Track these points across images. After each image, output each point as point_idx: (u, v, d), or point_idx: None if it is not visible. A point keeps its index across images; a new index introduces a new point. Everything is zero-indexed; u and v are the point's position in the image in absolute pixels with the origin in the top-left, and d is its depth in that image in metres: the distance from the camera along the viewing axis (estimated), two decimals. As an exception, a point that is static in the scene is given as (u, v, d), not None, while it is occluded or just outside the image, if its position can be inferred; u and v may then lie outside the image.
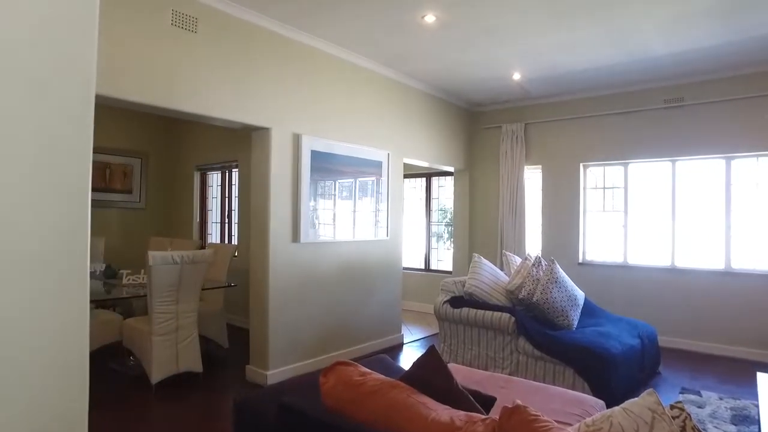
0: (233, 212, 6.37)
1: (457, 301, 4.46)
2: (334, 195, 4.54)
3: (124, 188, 6.51)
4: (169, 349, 3.75)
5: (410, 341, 5.46)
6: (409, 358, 4.88)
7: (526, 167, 6.15)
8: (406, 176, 7.14)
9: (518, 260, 4.98)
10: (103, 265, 4.86)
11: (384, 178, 5.05)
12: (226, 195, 6.49)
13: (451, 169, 6.51)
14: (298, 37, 4.09)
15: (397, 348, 5.17)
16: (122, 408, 3.45)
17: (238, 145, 5.94)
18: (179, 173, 6.96)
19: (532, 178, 6.31)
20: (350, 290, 4.68)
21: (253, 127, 3.86)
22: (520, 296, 4.28)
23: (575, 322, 4.11)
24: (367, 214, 4.89)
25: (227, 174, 6.46)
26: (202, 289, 4.29)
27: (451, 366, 2.91)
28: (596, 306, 4.61)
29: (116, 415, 3.34)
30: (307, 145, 4.17)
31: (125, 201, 6.52)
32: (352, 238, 4.70)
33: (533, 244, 6.24)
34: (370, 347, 4.90)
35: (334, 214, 4.53)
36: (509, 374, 3.95)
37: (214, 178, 6.71)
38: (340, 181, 4.57)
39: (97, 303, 4.29)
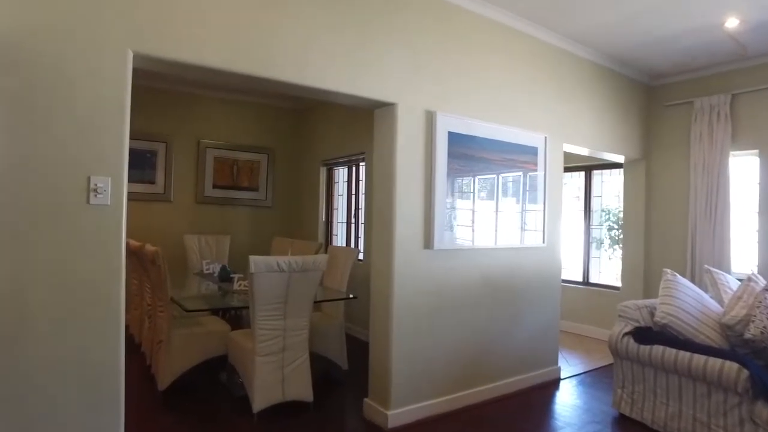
0: (360, 211, 5.75)
1: (644, 335, 3.25)
2: (477, 190, 3.60)
3: (251, 185, 6.25)
4: (274, 373, 3.13)
5: (569, 376, 4.30)
6: (569, 402, 3.74)
7: (732, 153, 4.59)
8: (560, 169, 5.92)
9: (732, 281, 3.59)
10: (219, 266, 4.48)
11: (540, 170, 3.98)
12: (353, 192, 5.89)
13: (620, 159, 5.18)
14: (432, -10, 3.24)
15: (551, 385, 4.06)
16: (219, 441, 2.91)
17: (366, 136, 5.28)
18: (306, 169, 6.55)
19: (741, 167, 4.71)
20: (495, 310, 3.70)
21: (375, 102, 3.09)
22: (747, 335, 2.96)
23: None
24: (518, 214, 3.87)
25: (354, 169, 5.86)
26: (317, 301, 3.65)
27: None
28: None
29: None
30: (443, 126, 3.29)
31: (252, 198, 6.26)
32: (500, 244, 3.71)
33: (742, 258, 4.65)
34: (518, 383, 3.86)
35: (476, 214, 3.59)
36: (736, 452, 2.67)
37: (341, 174, 6.17)
38: (484, 172, 3.62)
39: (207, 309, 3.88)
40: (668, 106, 5.06)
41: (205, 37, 2.40)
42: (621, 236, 5.58)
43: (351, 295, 3.95)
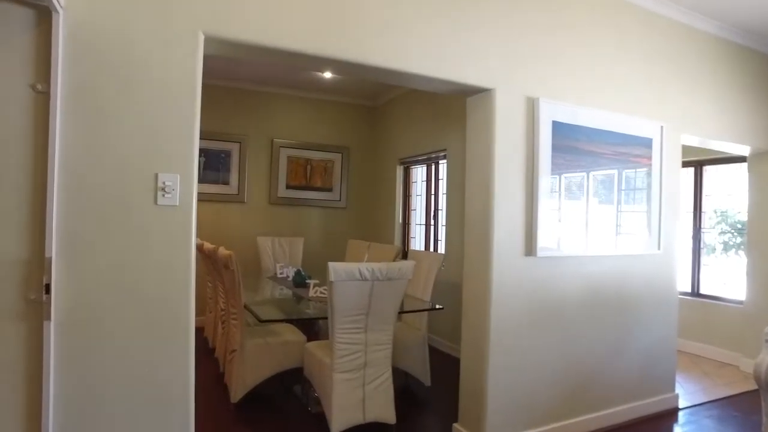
0: (440, 212, 5.37)
1: (804, 367, 2.62)
2: (584, 188, 3.11)
3: (325, 186, 6.05)
4: (354, 392, 2.82)
5: (689, 406, 3.67)
6: (697, 439, 3.15)
7: None
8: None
9: None
10: (294, 270, 4.26)
11: (654, 165, 3.42)
12: (432, 192, 5.52)
13: (743, 151, 4.43)
14: (535, -43, 2.81)
15: (669, 416, 3.47)
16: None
17: (446, 132, 4.90)
18: (382, 168, 6.26)
19: None
20: (603, 326, 3.19)
21: (470, 88, 2.69)
22: None
23: None
24: (628, 216, 3.33)
25: (433, 167, 5.49)
26: (401, 312, 3.31)
27: None
28: None
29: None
30: (547, 114, 2.84)
31: (326, 199, 6.05)
32: (609, 251, 3.19)
33: None
34: (629, 412, 3.32)
35: (583, 216, 3.10)
36: None
37: (419, 173, 5.82)
38: (591, 167, 3.12)
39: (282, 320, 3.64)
40: (809, 88, 4.27)
41: (286, 18, 2.13)
42: (739, 241, 4.81)
43: (435, 305, 3.57)
